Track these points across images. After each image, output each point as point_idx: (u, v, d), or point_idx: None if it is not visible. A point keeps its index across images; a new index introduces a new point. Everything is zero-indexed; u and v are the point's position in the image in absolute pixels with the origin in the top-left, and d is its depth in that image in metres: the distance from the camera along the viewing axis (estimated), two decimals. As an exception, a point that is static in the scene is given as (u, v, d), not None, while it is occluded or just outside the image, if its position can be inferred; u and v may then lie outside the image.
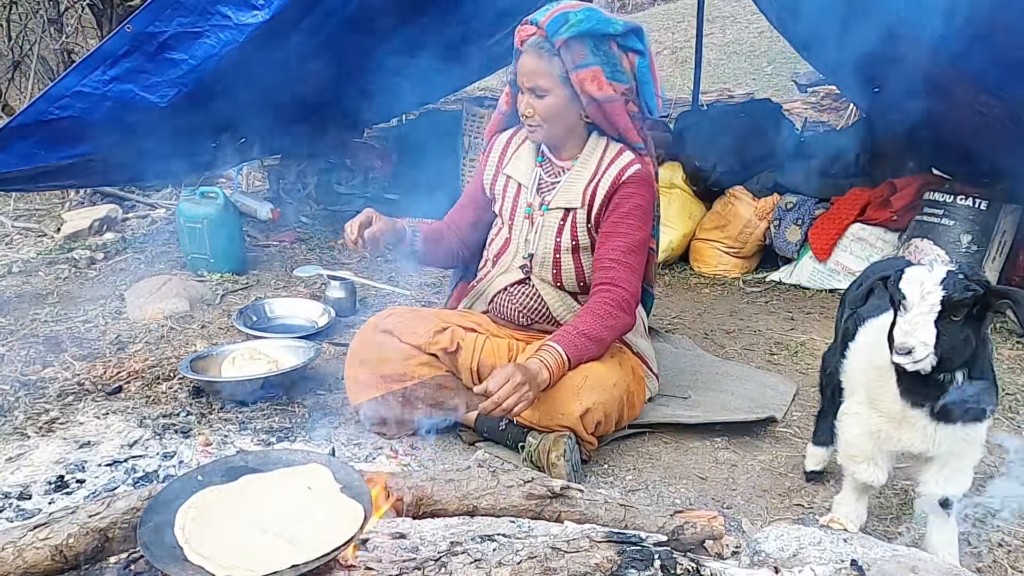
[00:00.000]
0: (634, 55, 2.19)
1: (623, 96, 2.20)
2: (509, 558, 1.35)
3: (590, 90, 2.15)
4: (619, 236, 2.22)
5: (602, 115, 2.22)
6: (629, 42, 2.17)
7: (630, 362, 2.35)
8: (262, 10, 3.01)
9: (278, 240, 4.42)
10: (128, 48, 3.04)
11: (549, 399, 2.11)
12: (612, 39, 2.14)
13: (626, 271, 2.21)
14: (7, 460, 2.16)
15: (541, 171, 2.36)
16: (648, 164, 2.29)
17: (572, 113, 2.22)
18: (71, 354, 2.86)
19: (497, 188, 2.44)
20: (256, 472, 1.58)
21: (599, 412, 2.15)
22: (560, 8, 2.15)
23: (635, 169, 2.24)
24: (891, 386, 1.64)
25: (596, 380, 2.15)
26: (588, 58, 2.12)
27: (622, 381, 2.23)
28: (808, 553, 1.45)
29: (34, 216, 4.97)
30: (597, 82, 2.15)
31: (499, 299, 2.41)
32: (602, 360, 2.20)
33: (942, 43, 2.75)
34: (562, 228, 2.31)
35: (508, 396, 1.95)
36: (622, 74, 2.18)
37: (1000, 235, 3.51)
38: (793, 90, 6.90)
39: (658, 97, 2.25)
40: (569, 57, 2.13)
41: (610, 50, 2.15)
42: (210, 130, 3.81)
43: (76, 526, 1.45)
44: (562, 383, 2.12)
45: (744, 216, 4.08)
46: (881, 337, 1.63)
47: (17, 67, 5.95)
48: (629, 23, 2.18)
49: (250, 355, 2.61)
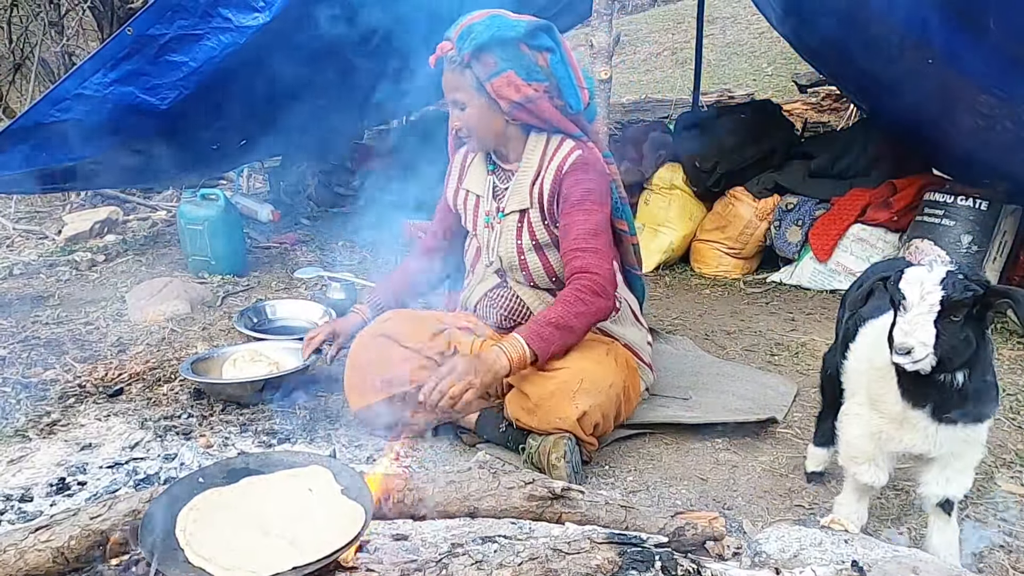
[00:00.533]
0: (547, 53, 2.18)
1: (545, 93, 2.19)
2: (510, 559, 1.35)
3: (508, 95, 2.16)
4: (577, 224, 2.21)
5: (530, 114, 2.22)
6: (539, 41, 2.16)
7: (622, 355, 2.33)
8: (263, 12, 3.02)
9: (279, 242, 4.43)
10: (129, 51, 3.05)
11: (545, 404, 2.12)
12: (520, 42, 2.14)
13: (592, 256, 2.19)
14: (9, 462, 2.16)
15: (494, 179, 2.39)
16: (591, 148, 2.28)
17: (497, 120, 2.23)
18: (72, 356, 2.87)
19: (459, 202, 2.49)
20: (257, 474, 1.58)
21: (596, 414, 2.15)
22: (466, 20, 2.16)
23: (576, 156, 2.23)
24: (892, 387, 1.64)
25: (592, 383, 2.14)
26: (498, 65, 2.13)
27: (618, 379, 2.23)
28: (809, 554, 1.45)
29: (35, 218, 4.98)
30: (513, 86, 2.15)
31: (481, 305, 2.43)
32: (596, 360, 2.20)
33: (941, 43, 2.76)
34: (520, 230, 2.32)
35: (451, 385, 1.99)
36: (538, 73, 2.17)
37: (1001, 235, 3.51)
38: (793, 91, 6.91)
39: (582, 89, 2.25)
40: (480, 67, 2.14)
41: (520, 52, 2.14)
42: (211, 132, 3.82)
43: (78, 528, 1.45)
44: (558, 387, 2.12)
45: (745, 217, 4.08)
46: (881, 338, 1.63)
47: (18, 69, 5.97)
48: (535, 22, 2.17)
49: (251, 357, 2.61)
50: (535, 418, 2.14)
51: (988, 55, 2.66)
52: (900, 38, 3.01)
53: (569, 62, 2.22)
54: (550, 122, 2.24)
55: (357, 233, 4.29)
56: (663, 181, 4.29)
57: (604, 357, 2.23)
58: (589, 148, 2.27)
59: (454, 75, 2.19)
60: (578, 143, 2.26)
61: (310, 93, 4.04)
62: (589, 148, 2.27)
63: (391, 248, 4.28)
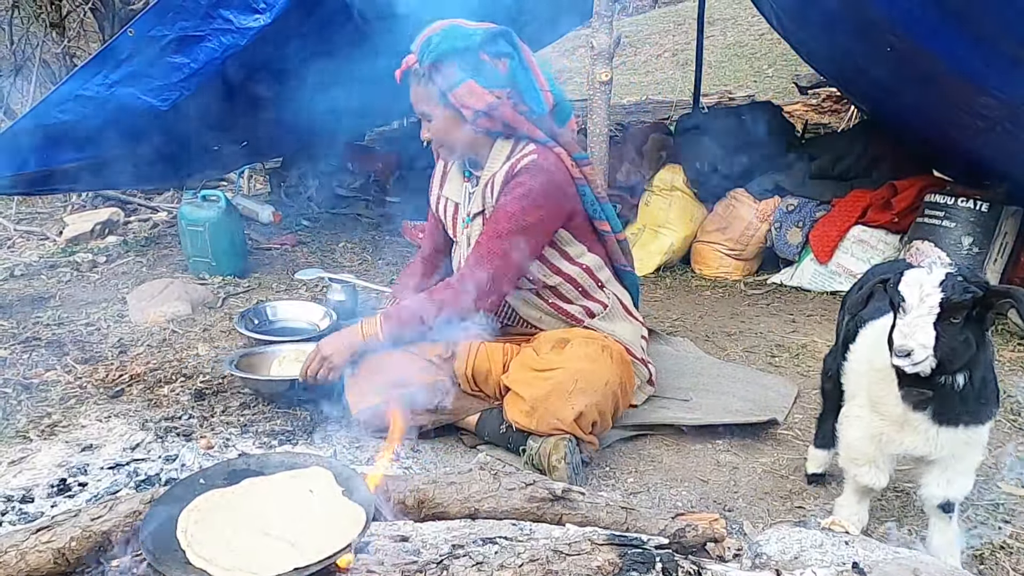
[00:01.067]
0: (506, 59, 2.19)
1: (508, 99, 2.20)
2: (511, 561, 1.35)
3: (471, 103, 2.17)
4: (491, 223, 2.24)
5: (494, 122, 2.22)
6: (497, 47, 2.17)
7: (617, 351, 2.32)
8: (264, 14, 3.03)
9: (279, 243, 4.43)
10: (130, 52, 3.05)
11: (541, 406, 2.13)
12: (478, 50, 2.15)
13: (476, 256, 2.23)
14: (10, 463, 2.16)
15: (469, 185, 2.41)
16: (551, 152, 2.25)
17: (463, 129, 2.24)
18: (73, 357, 2.87)
19: (440, 210, 2.51)
20: (258, 475, 1.58)
21: (593, 413, 2.16)
22: (426, 32, 2.18)
23: (529, 159, 2.22)
24: (892, 389, 1.64)
25: (587, 382, 2.15)
26: (459, 75, 2.15)
27: (614, 377, 2.23)
28: (809, 555, 1.45)
29: (36, 219, 4.98)
30: (475, 95, 2.16)
31: None
32: (591, 358, 2.21)
33: (941, 44, 2.76)
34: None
35: (311, 363, 2.28)
36: (499, 80, 2.18)
37: (1001, 237, 3.51)
38: (794, 92, 6.91)
39: (544, 91, 2.25)
40: (441, 79, 2.16)
41: (480, 60, 2.15)
42: (212, 133, 3.82)
43: (78, 529, 1.45)
44: (553, 388, 2.13)
45: (745, 218, 4.08)
46: (881, 339, 1.63)
47: (19, 71, 5.97)
48: (492, 29, 2.18)
49: (295, 356, 2.61)
50: (533, 420, 2.15)
51: (987, 56, 2.66)
52: (899, 40, 3.01)
53: (529, 66, 2.23)
54: (515, 128, 2.24)
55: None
56: (664, 182, 4.29)
57: (599, 354, 2.24)
58: (548, 152, 2.25)
59: (418, 88, 2.22)
60: (539, 147, 2.25)
61: (311, 94, 4.04)
62: (548, 152, 2.25)
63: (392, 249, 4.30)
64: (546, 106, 2.25)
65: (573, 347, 2.24)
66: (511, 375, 2.23)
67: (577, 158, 2.31)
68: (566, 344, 2.27)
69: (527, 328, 2.41)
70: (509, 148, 2.28)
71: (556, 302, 2.37)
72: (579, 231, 2.34)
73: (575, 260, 2.35)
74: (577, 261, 2.35)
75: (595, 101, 2.97)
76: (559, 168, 2.25)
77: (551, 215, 2.25)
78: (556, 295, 2.36)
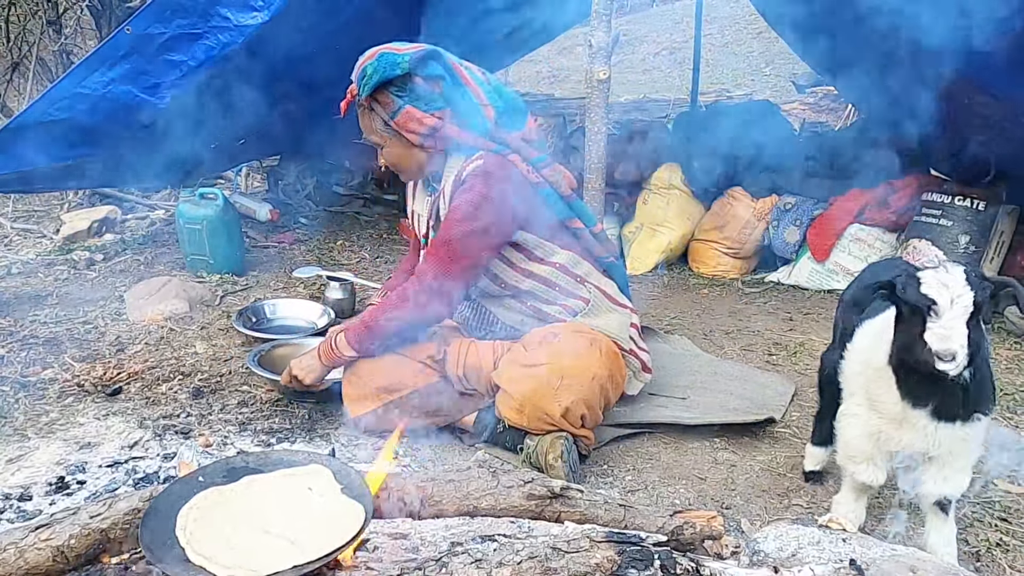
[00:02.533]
0: (439, 80, 2.18)
1: (451, 119, 2.19)
2: (509, 558, 1.35)
3: (415, 128, 2.17)
4: (440, 230, 2.26)
5: (441, 141, 2.22)
6: (429, 70, 2.16)
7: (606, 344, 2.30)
8: (261, 12, 3.02)
9: (277, 241, 4.43)
10: (128, 50, 3.05)
11: (529, 402, 2.14)
12: (412, 75, 2.14)
13: (427, 262, 2.26)
14: (8, 461, 2.16)
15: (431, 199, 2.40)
16: (497, 159, 2.21)
17: (415, 153, 2.24)
18: (71, 355, 2.86)
19: (414, 224, 2.51)
20: (257, 473, 1.58)
21: (580, 407, 2.16)
22: (361, 62, 2.17)
23: (474, 166, 2.20)
24: (891, 387, 1.65)
25: (572, 377, 2.15)
26: (396, 103, 2.15)
27: (601, 370, 2.22)
28: (807, 553, 1.46)
29: (33, 217, 4.97)
30: (416, 120, 2.16)
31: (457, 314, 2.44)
32: (577, 353, 2.19)
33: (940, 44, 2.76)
34: None
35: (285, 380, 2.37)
36: (436, 102, 2.17)
37: (998, 235, 3.53)
38: (791, 91, 6.92)
39: (485, 107, 2.21)
40: (381, 109, 2.17)
41: (415, 86, 2.15)
42: (209, 131, 3.82)
43: (77, 527, 1.45)
44: (539, 385, 2.13)
45: (743, 217, 4.09)
46: (879, 339, 1.63)
47: (16, 68, 5.96)
48: (421, 51, 2.15)
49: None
50: (524, 416, 2.16)
51: (986, 57, 2.67)
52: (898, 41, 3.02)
53: (464, 83, 2.21)
54: (463, 143, 2.22)
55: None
56: (661, 181, 4.29)
57: (587, 349, 2.22)
58: (497, 159, 2.21)
59: (363, 119, 2.24)
60: (487, 155, 2.21)
61: (308, 92, 4.04)
62: (497, 159, 2.21)
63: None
64: (487, 122, 2.21)
65: (561, 342, 2.22)
66: (501, 372, 2.23)
67: (534, 162, 2.27)
68: (554, 339, 2.25)
69: (512, 332, 2.38)
70: (461, 161, 2.25)
71: (535, 304, 2.34)
72: (545, 232, 2.31)
73: (546, 260, 2.31)
74: (549, 261, 2.31)
75: (593, 99, 2.97)
76: (506, 173, 2.21)
77: (499, 218, 2.21)
78: (534, 298, 2.34)
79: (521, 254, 2.30)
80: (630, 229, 4.34)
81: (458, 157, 2.25)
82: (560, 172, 2.35)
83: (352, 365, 2.34)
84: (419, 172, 2.33)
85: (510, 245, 2.28)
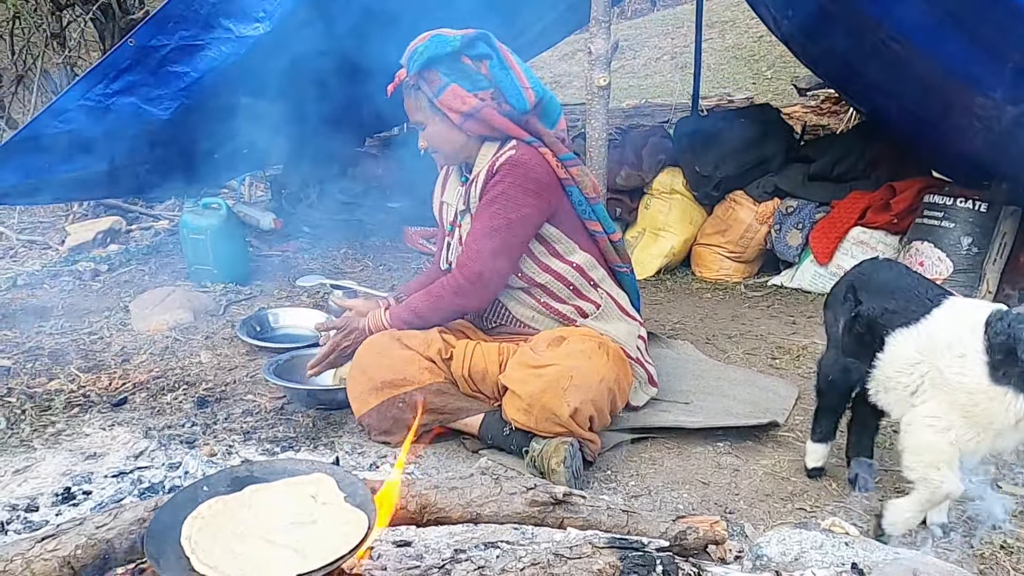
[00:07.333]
0: (486, 60, 2.29)
1: (492, 100, 2.30)
2: (512, 565, 1.36)
3: (457, 107, 2.26)
4: (476, 221, 2.32)
5: (480, 124, 2.30)
6: (477, 50, 2.28)
7: (614, 349, 2.34)
8: (264, 22, 3.04)
9: (280, 250, 4.44)
10: (131, 62, 3.07)
11: (537, 403, 2.15)
12: (459, 54, 2.25)
13: (467, 254, 2.31)
14: (14, 472, 2.17)
15: (463, 189, 2.44)
16: (533, 150, 2.30)
17: (456, 134, 2.33)
18: (76, 366, 2.88)
19: (441, 215, 2.56)
20: (261, 482, 1.59)
21: (589, 409, 2.17)
22: (412, 44, 2.29)
23: (507, 156, 2.29)
24: (1006, 403, 1.62)
25: (581, 379, 2.17)
26: (443, 80, 2.26)
27: (609, 373, 2.25)
28: (810, 557, 1.46)
29: (38, 229, 5.00)
30: (460, 98, 2.26)
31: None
32: (586, 355, 2.23)
33: (939, 46, 2.77)
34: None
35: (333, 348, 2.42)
36: (481, 81, 2.28)
37: (1000, 237, 3.52)
38: (793, 94, 6.91)
39: (527, 89, 2.32)
40: (427, 86, 2.27)
41: (463, 65, 2.26)
42: (212, 141, 3.84)
43: (84, 537, 1.46)
44: (548, 385, 2.14)
45: (745, 221, 4.09)
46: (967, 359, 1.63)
47: (20, 81, 6.00)
48: (470, 34, 2.27)
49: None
50: (531, 417, 2.17)
51: (985, 58, 2.67)
52: (896, 41, 3.03)
53: (509, 65, 2.32)
54: (501, 130, 2.30)
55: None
56: (663, 186, 4.30)
57: (595, 351, 2.26)
58: (530, 150, 2.30)
59: (410, 98, 2.33)
60: (521, 145, 2.30)
61: (311, 101, 4.06)
62: (530, 150, 2.30)
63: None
64: (528, 103, 2.31)
65: (569, 344, 2.26)
66: (508, 374, 2.25)
67: (563, 158, 2.35)
68: (562, 341, 2.28)
69: (521, 328, 2.43)
70: (495, 149, 2.34)
71: (548, 301, 2.39)
72: (568, 229, 2.37)
73: (565, 258, 2.37)
74: (567, 259, 2.37)
75: (593, 106, 2.98)
76: (539, 163, 2.30)
77: (532, 209, 2.29)
78: (547, 294, 2.39)
79: (543, 247, 2.37)
80: (632, 234, 4.34)
81: (492, 144, 2.35)
82: (586, 173, 2.43)
83: (358, 359, 2.35)
84: (455, 155, 2.41)
85: (535, 237, 2.35)
